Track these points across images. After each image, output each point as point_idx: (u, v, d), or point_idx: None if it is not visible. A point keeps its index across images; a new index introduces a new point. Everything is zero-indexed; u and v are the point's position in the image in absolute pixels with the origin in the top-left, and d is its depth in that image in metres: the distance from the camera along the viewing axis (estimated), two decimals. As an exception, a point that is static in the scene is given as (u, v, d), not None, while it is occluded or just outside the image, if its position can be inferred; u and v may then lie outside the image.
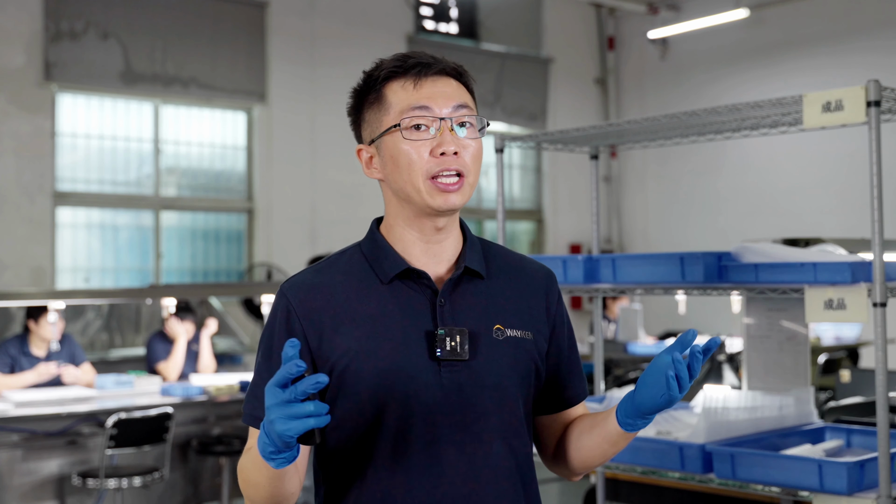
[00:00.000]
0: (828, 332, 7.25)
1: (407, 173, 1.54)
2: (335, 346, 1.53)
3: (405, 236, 1.59)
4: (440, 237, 1.59)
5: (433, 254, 1.59)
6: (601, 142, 3.88)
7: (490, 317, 1.57)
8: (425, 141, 1.53)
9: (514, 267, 1.65)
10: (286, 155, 8.55)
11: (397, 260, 1.57)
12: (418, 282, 1.57)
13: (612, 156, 10.89)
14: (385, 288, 1.56)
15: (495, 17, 10.30)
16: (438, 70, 1.57)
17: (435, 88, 1.55)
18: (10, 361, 5.43)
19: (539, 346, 1.61)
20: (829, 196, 8.86)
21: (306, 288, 1.57)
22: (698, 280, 3.05)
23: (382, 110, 1.57)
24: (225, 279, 8.49)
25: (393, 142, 1.55)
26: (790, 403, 3.21)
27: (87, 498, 5.04)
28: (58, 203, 7.59)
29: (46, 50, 7.44)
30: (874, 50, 8.65)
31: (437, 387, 1.52)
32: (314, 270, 1.62)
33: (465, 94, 1.58)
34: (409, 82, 1.56)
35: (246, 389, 5.78)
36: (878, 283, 2.72)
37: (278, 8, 8.53)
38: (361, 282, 1.58)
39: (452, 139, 1.53)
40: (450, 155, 1.52)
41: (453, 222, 1.61)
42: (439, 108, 1.54)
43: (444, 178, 1.53)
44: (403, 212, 1.59)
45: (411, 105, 1.54)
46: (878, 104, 2.71)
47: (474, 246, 1.63)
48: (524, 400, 1.59)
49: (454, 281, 1.57)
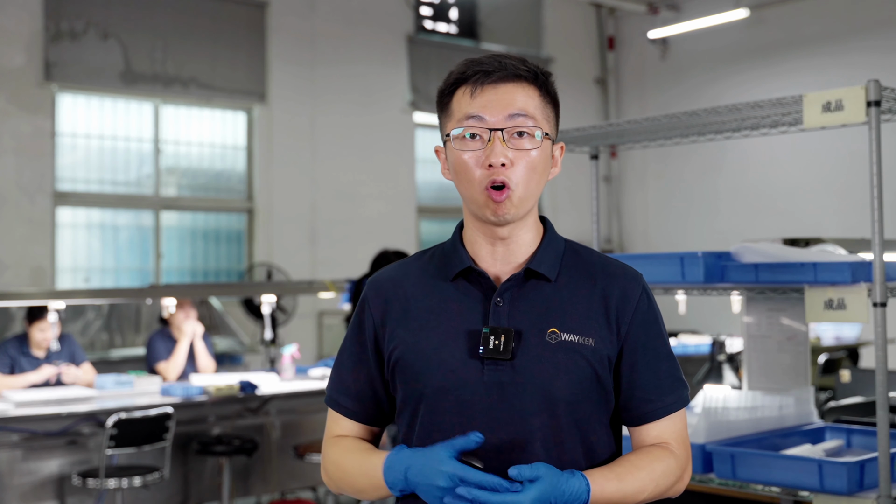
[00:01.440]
0: (828, 331, 7.24)
1: (465, 182, 1.57)
2: (394, 336, 1.60)
3: (475, 238, 1.62)
4: (506, 241, 1.60)
5: (501, 255, 1.61)
6: (601, 142, 3.88)
7: (547, 319, 1.56)
8: (477, 151, 1.55)
9: (594, 271, 1.62)
10: (286, 155, 8.55)
11: (463, 259, 1.61)
12: (479, 281, 1.60)
13: (613, 156, 10.89)
14: (449, 285, 1.61)
15: (495, 18, 10.30)
16: (500, 77, 1.55)
17: (493, 96, 1.55)
18: (10, 361, 5.43)
19: (601, 353, 1.56)
20: (829, 196, 8.86)
21: (382, 281, 1.66)
22: (698, 280, 3.06)
23: (447, 116, 1.60)
24: (225, 279, 8.48)
25: (452, 149, 1.58)
26: (790, 403, 3.21)
27: (88, 498, 5.04)
28: (58, 203, 7.59)
29: (46, 50, 7.43)
30: (874, 50, 8.65)
31: (479, 384, 1.54)
32: (397, 265, 1.70)
33: (530, 100, 1.56)
34: (468, 90, 1.56)
35: (246, 389, 5.79)
36: (878, 283, 2.72)
37: (278, 8, 8.53)
38: (431, 278, 1.63)
39: (502, 150, 1.53)
40: (497, 166, 1.53)
41: (521, 227, 1.60)
42: (492, 117, 1.54)
43: (493, 189, 1.54)
44: (472, 216, 1.62)
45: (466, 114, 1.55)
46: (878, 104, 2.71)
47: (552, 248, 1.62)
48: (577, 407, 1.55)
49: (516, 282, 1.58)
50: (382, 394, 1.66)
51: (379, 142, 8.97)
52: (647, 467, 1.56)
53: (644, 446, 1.61)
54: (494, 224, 1.57)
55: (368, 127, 8.93)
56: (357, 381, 1.66)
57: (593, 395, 1.57)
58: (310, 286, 6.72)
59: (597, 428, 1.58)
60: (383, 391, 1.66)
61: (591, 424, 1.57)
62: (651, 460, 1.57)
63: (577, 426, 1.56)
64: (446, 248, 1.66)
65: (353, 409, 1.67)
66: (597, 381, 1.56)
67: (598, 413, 1.58)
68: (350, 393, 1.67)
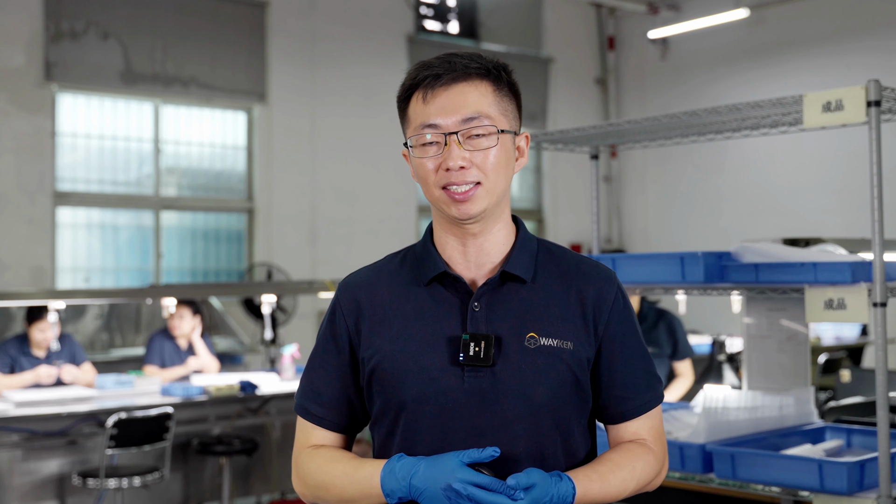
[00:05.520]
0: (828, 331, 7.25)
1: (424, 185, 1.57)
2: (370, 344, 1.58)
3: (446, 241, 1.61)
4: (478, 241, 1.59)
5: (473, 257, 1.60)
6: (601, 142, 3.88)
7: (526, 324, 1.55)
8: (434, 157, 1.54)
9: (568, 271, 1.61)
10: (286, 155, 8.55)
11: (437, 263, 1.59)
12: (454, 285, 1.58)
13: (613, 155, 10.89)
14: (424, 290, 1.59)
15: (495, 17, 10.29)
16: (451, 79, 1.54)
17: (445, 101, 1.54)
18: (10, 361, 5.43)
19: (580, 356, 1.57)
20: (830, 196, 8.86)
21: (354, 286, 1.64)
22: (698, 280, 3.06)
23: (406, 123, 1.60)
24: (225, 279, 8.48)
25: (413, 157, 1.58)
26: (790, 403, 3.21)
27: (88, 498, 5.04)
28: (58, 203, 7.59)
29: (47, 50, 7.44)
30: (874, 50, 8.65)
31: (459, 391, 1.53)
32: (367, 269, 1.67)
33: (483, 98, 1.55)
34: (421, 96, 1.56)
35: (246, 389, 5.78)
36: (878, 283, 2.72)
37: (278, 8, 8.53)
38: (404, 283, 1.61)
39: (459, 153, 1.52)
40: (455, 169, 1.52)
41: (492, 226, 1.59)
42: (446, 121, 1.53)
43: (453, 189, 1.53)
44: (440, 217, 1.61)
45: (421, 123, 1.55)
46: (878, 104, 2.71)
47: (525, 249, 1.61)
48: (557, 412, 1.55)
49: (492, 285, 1.57)
50: (356, 401, 1.63)
51: (379, 141, 8.97)
52: (628, 465, 1.57)
53: (622, 443, 1.63)
54: (463, 222, 1.56)
55: (368, 127, 8.93)
56: (330, 389, 1.63)
57: (573, 398, 1.57)
58: (310, 286, 6.71)
59: (575, 429, 1.59)
60: (357, 398, 1.63)
61: (571, 426, 1.58)
62: (631, 458, 1.58)
63: (557, 429, 1.56)
64: (417, 251, 1.64)
65: (327, 417, 1.63)
66: (576, 385, 1.57)
67: (577, 415, 1.59)
68: (322, 401, 1.63)
